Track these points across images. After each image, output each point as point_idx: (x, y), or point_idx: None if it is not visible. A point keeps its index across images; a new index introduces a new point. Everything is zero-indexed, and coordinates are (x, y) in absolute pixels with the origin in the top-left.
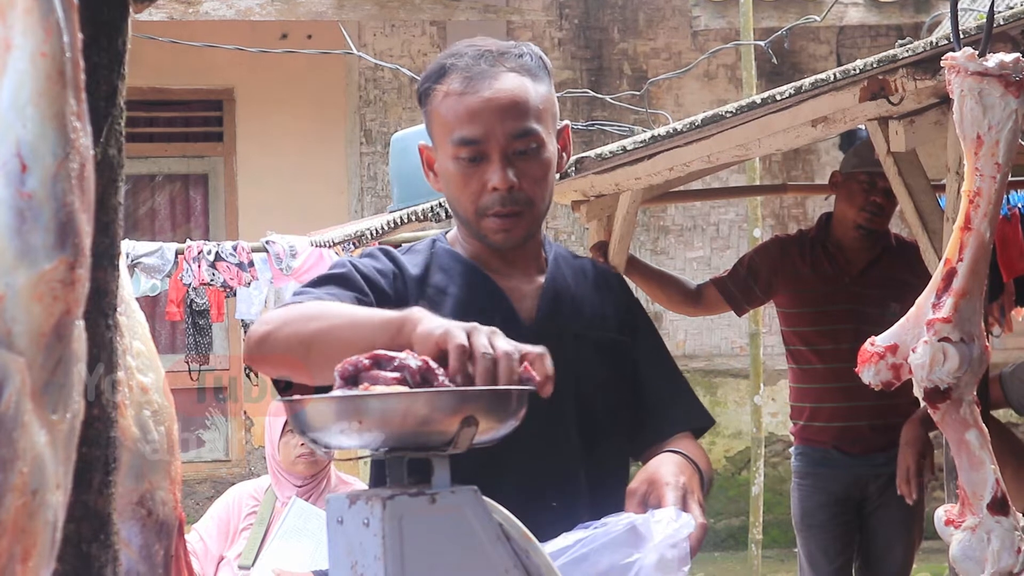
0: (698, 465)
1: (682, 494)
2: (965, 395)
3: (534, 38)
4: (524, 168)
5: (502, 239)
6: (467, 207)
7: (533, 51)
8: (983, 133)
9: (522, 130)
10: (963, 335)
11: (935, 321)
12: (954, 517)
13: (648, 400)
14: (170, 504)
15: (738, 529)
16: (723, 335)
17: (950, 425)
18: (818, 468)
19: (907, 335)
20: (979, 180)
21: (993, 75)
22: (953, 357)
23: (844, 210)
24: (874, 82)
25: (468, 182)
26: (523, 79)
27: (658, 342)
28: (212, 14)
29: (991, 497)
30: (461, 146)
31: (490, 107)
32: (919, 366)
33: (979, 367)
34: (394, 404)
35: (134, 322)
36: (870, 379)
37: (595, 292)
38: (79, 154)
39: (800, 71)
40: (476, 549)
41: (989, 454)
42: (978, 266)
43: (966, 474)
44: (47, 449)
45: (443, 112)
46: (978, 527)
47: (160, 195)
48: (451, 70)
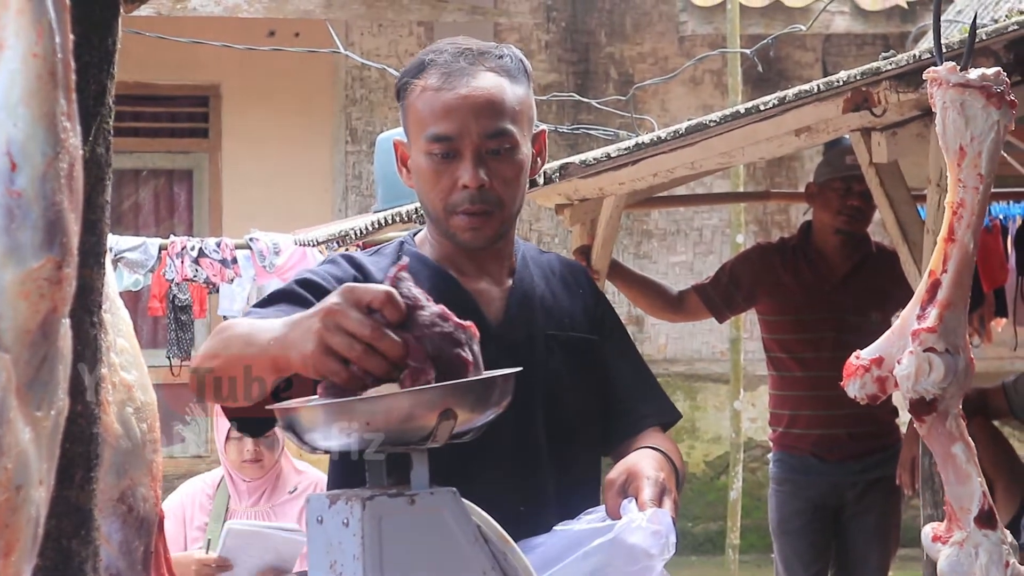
0: (675, 463)
1: (660, 490)
2: (951, 407)
3: (521, 40)
4: (496, 168)
5: (470, 237)
6: (436, 204)
7: (514, 53)
8: (965, 144)
9: (496, 130)
10: (948, 346)
11: (920, 331)
12: (941, 533)
13: (618, 395)
14: (151, 500)
15: (716, 533)
16: (704, 340)
17: (936, 439)
18: (796, 475)
19: (892, 348)
20: (962, 191)
21: (975, 86)
22: (939, 368)
23: (822, 218)
24: (857, 94)
25: (439, 179)
26: (501, 79)
27: (625, 336)
28: (200, 10)
29: (978, 511)
30: (434, 142)
31: (466, 104)
32: (904, 377)
33: (965, 379)
34: (377, 405)
35: (118, 319)
36: (855, 392)
37: (563, 290)
38: (68, 153)
39: (786, 78)
40: (455, 550)
41: (976, 467)
42: (962, 277)
43: (953, 488)
44: (31, 446)
45: (419, 107)
46: (966, 541)
47: (144, 190)
48: (430, 66)
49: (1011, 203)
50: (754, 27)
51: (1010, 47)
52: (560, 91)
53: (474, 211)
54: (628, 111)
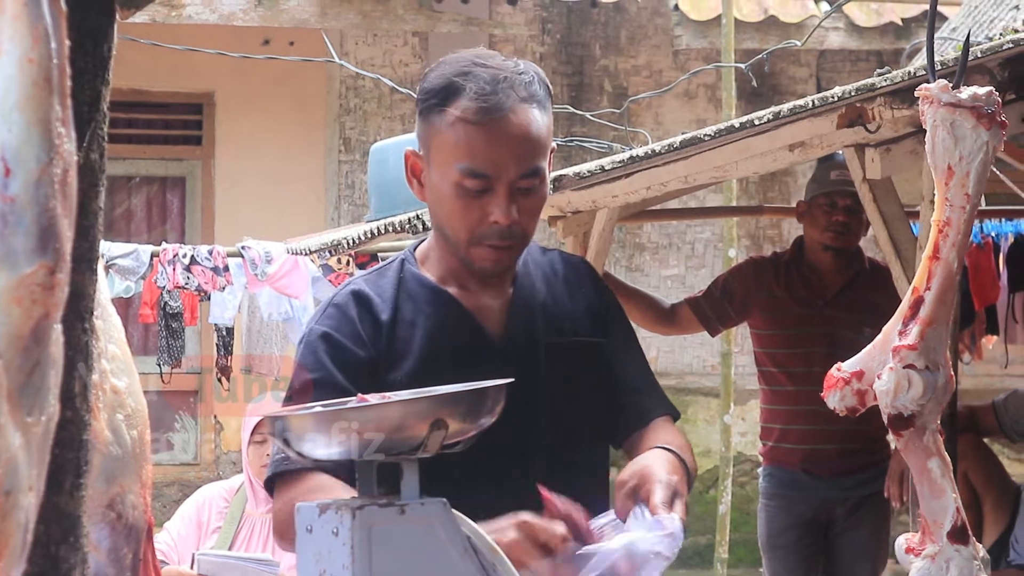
0: (685, 462)
1: (671, 494)
2: (929, 423)
3: (516, 52)
4: (524, 204)
5: (491, 268)
6: (460, 233)
7: (539, 75)
8: (954, 164)
9: (532, 169)
10: (928, 363)
11: (901, 348)
12: (914, 545)
13: (623, 388)
14: (140, 508)
15: (704, 547)
16: (695, 354)
17: (912, 453)
18: (786, 490)
19: (873, 361)
20: (948, 210)
21: (966, 107)
22: (918, 384)
23: (812, 235)
24: (852, 109)
25: (467, 211)
26: (533, 111)
27: (629, 330)
28: (195, 17)
29: (951, 525)
30: (468, 176)
31: (504, 143)
32: (883, 392)
33: (943, 395)
34: (368, 415)
35: (110, 326)
36: (835, 404)
37: (566, 292)
38: (63, 159)
39: (780, 93)
40: (444, 561)
41: (951, 482)
42: (945, 295)
43: (927, 502)
44: (21, 451)
45: (451, 136)
46: (937, 555)
47: (137, 197)
48: (463, 93)
49: (1003, 221)
50: (749, 42)
51: (1005, 65)
52: (554, 103)
53: (501, 246)
54: (622, 124)
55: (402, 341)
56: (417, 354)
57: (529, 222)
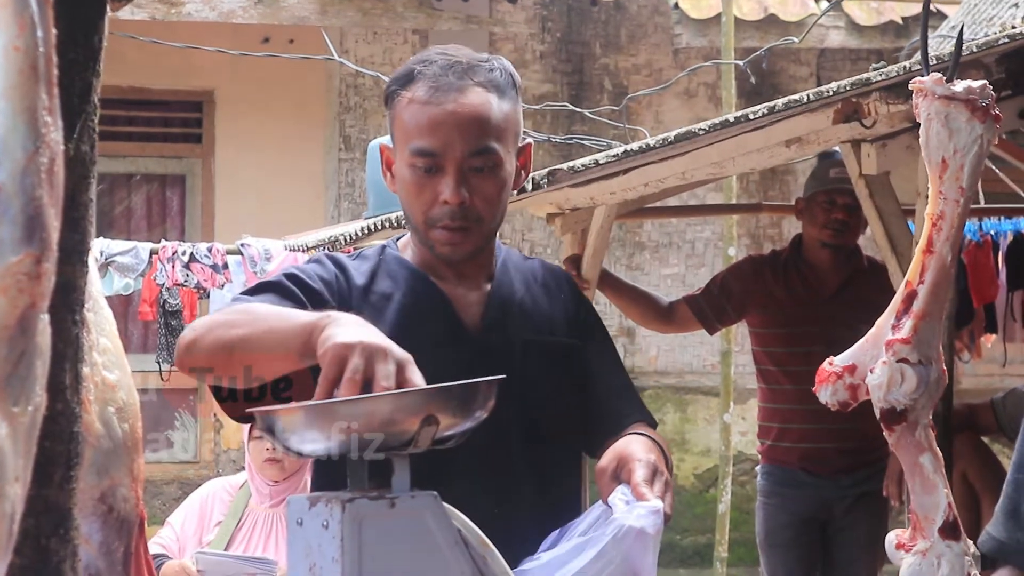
0: (663, 448)
1: (652, 471)
2: (921, 418)
3: (516, 50)
4: (478, 185)
5: (448, 251)
6: (417, 215)
7: (504, 66)
8: (948, 157)
9: (480, 147)
10: (921, 357)
11: (894, 342)
12: (905, 541)
13: (600, 396)
14: (131, 501)
15: (704, 546)
16: (695, 352)
17: (904, 448)
18: (784, 488)
19: (866, 356)
20: (942, 203)
21: (960, 99)
22: (911, 379)
23: (810, 232)
24: (848, 105)
25: (421, 191)
26: (488, 95)
27: (607, 340)
28: (194, 15)
29: (943, 521)
30: (417, 156)
31: (451, 121)
32: (876, 386)
33: (936, 390)
34: (358, 409)
35: (101, 319)
36: (827, 398)
37: (544, 295)
38: (49, 149)
39: (780, 92)
40: (434, 554)
41: (942, 478)
42: (939, 289)
43: (918, 498)
44: (7, 441)
45: (405, 118)
46: (928, 551)
47: (137, 195)
48: (419, 77)
49: (1002, 219)
50: (748, 40)
51: (1001, 60)
52: (554, 101)
53: (454, 227)
54: (621, 122)
55: (374, 309)
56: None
57: (484, 205)
